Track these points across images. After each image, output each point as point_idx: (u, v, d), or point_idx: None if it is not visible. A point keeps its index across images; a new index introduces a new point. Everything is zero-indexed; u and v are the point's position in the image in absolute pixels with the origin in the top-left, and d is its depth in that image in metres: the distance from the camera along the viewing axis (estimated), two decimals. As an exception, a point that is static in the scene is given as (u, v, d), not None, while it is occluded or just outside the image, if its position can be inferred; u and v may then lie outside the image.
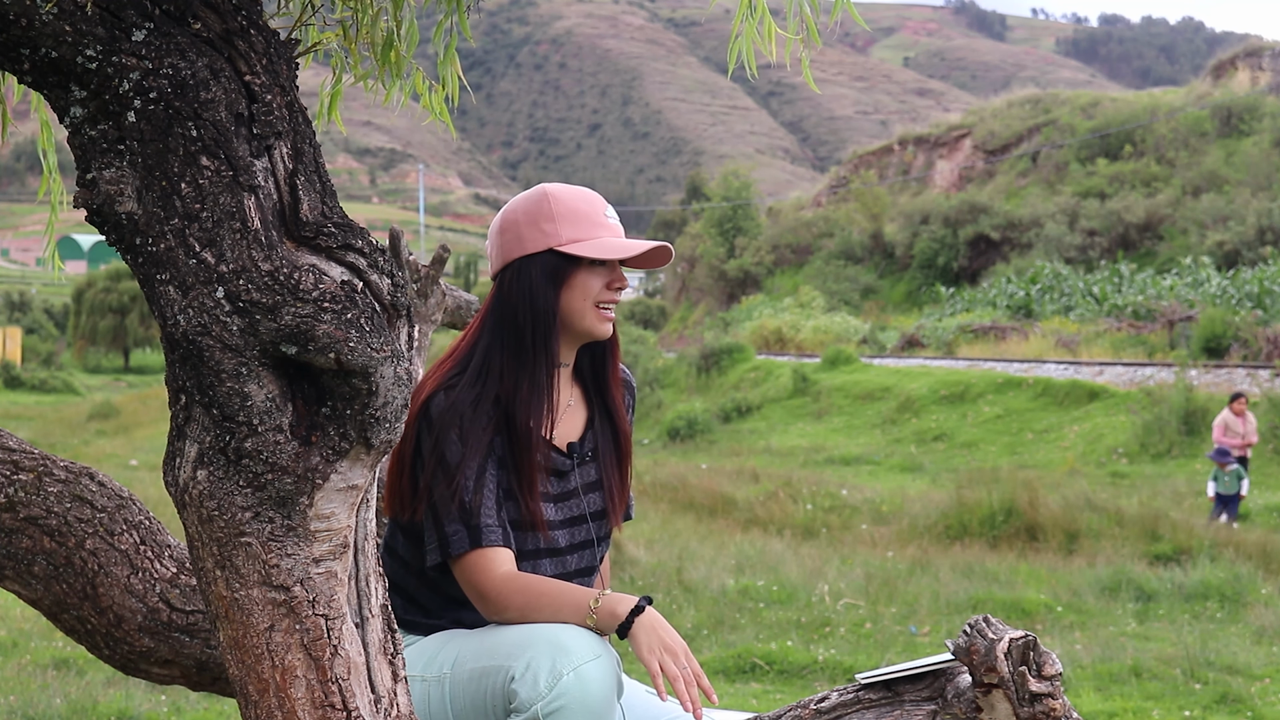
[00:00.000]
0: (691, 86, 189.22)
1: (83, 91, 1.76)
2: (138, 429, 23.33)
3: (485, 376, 2.34)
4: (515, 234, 2.37)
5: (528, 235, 2.36)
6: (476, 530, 2.26)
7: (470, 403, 2.31)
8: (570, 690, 2.09)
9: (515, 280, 2.36)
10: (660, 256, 2.41)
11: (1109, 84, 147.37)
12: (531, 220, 2.36)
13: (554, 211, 2.35)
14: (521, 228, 2.37)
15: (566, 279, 2.35)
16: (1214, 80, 40.65)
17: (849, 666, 6.22)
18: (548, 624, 2.20)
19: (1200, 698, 5.74)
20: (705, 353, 24.96)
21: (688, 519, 11.73)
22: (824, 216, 43.13)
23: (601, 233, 2.37)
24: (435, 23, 2.19)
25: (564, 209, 2.36)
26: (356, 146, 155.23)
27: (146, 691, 5.62)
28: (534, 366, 2.34)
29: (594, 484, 2.45)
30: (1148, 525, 10.12)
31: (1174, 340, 22.13)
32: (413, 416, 2.31)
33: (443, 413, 2.30)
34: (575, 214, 2.36)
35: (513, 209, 2.41)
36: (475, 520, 2.27)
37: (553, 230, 2.34)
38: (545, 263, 2.34)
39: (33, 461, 2.33)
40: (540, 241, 2.35)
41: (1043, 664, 2.13)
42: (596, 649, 2.14)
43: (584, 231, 2.35)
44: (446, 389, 2.33)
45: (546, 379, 2.35)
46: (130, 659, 2.38)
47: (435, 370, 2.39)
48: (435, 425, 2.29)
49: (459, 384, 2.33)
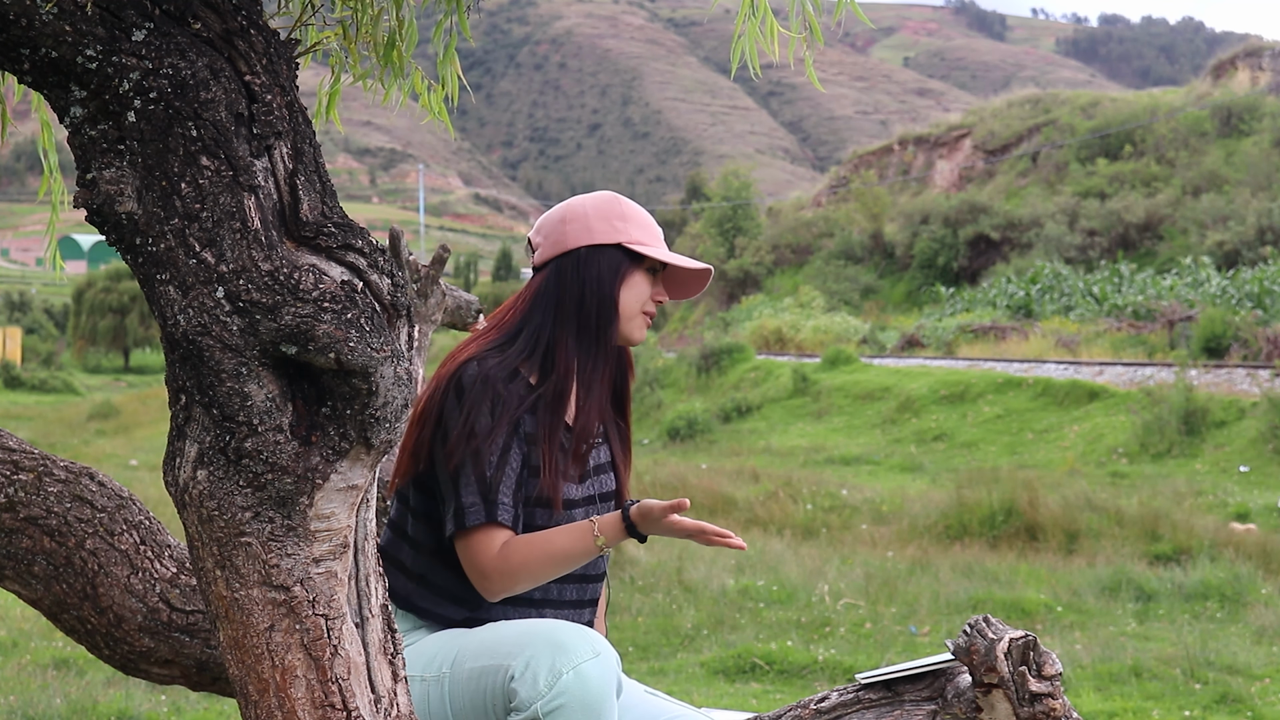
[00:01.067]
0: (691, 86, 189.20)
1: (83, 91, 1.76)
2: (138, 429, 23.33)
3: (532, 353, 2.40)
4: (584, 224, 2.46)
5: (598, 227, 2.46)
6: (493, 505, 2.30)
7: (506, 378, 2.36)
8: (570, 689, 2.10)
9: (580, 266, 2.44)
10: (699, 283, 2.54)
11: (1109, 84, 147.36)
12: (602, 215, 2.47)
13: (625, 212, 2.48)
14: (591, 219, 2.46)
15: (627, 276, 2.45)
16: (1214, 80, 40.64)
17: (849, 666, 6.22)
18: (546, 622, 2.22)
19: (1200, 698, 5.74)
20: (705, 353, 24.94)
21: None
22: (824, 216, 43.13)
23: (661, 246, 2.51)
24: (435, 23, 2.19)
25: (634, 212, 2.49)
26: (356, 146, 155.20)
27: (146, 691, 5.62)
28: (598, 350, 2.44)
29: (603, 466, 2.52)
30: (1148, 525, 10.11)
31: (1174, 340, 22.12)
32: (444, 377, 2.37)
33: (475, 381, 2.33)
34: (642, 221, 2.49)
35: (580, 202, 2.51)
36: (494, 496, 2.30)
37: (623, 228, 2.46)
38: (611, 256, 2.45)
39: (33, 461, 2.33)
40: (610, 235, 2.45)
41: (1043, 664, 2.13)
42: (596, 647, 2.15)
43: (649, 239, 2.49)
44: (481, 359, 2.37)
45: (605, 367, 2.45)
46: (130, 659, 2.38)
47: (475, 339, 2.45)
48: (467, 393, 2.32)
49: (499, 357, 2.38)
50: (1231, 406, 15.11)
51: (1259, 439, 14.05)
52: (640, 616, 7.45)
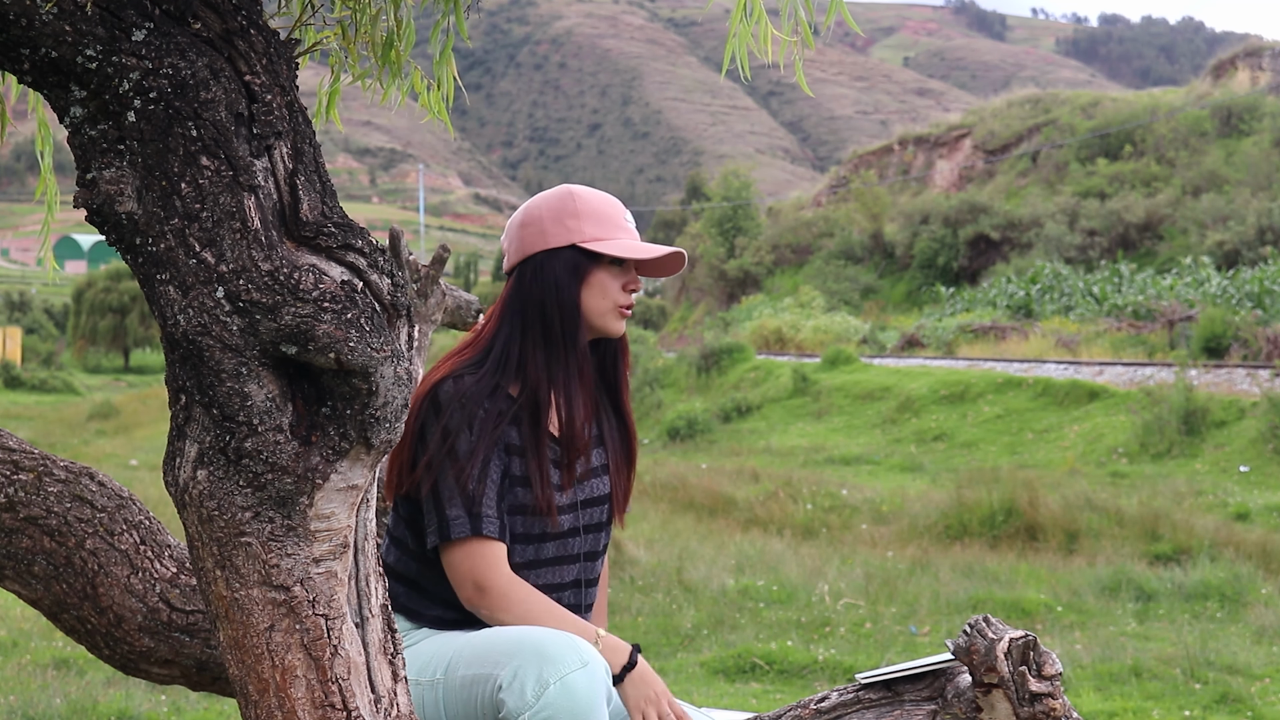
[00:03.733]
0: (691, 86, 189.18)
1: (83, 91, 1.76)
2: (138, 429, 23.32)
3: (505, 367, 2.38)
4: (539, 228, 2.42)
5: (551, 230, 2.41)
6: (477, 518, 2.30)
7: (486, 393, 2.35)
8: (556, 700, 2.10)
9: (537, 273, 2.40)
10: (674, 263, 2.46)
11: (1109, 84, 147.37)
12: (555, 216, 2.41)
13: (578, 209, 2.41)
14: (545, 223, 2.41)
15: (586, 276, 2.40)
16: (1214, 80, 40.63)
17: (849, 666, 6.22)
18: (536, 631, 2.22)
19: (1200, 698, 5.74)
20: (705, 353, 24.93)
21: (688, 519, 11.73)
22: (824, 216, 43.11)
23: (621, 235, 2.43)
24: (434, 23, 2.19)
25: (588, 208, 2.41)
26: (356, 146, 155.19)
27: (146, 691, 5.62)
28: (566, 357, 2.39)
29: (593, 470, 2.49)
30: (1148, 525, 10.11)
31: (1174, 340, 22.12)
32: (419, 397, 2.35)
33: (451, 399, 2.33)
34: (598, 214, 2.41)
35: (536, 204, 2.45)
36: (477, 508, 2.30)
37: (576, 227, 2.40)
38: (567, 258, 2.40)
39: (33, 461, 2.33)
40: (563, 237, 2.40)
41: (1043, 664, 2.13)
42: (583, 657, 2.15)
43: (606, 232, 2.41)
44: (457, 377, 2.36)
45: (579, 372, 2.40)
46: (130, 659, 2.38)
47: (450, 357, 2.43)
48: (443, 411, 2.32)
49: (474, 373, 2.37)
50: (1231, 406, 15.10)
51: (1259, 439, 14.04)
52: (640, 616, 7.45)
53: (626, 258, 2.40)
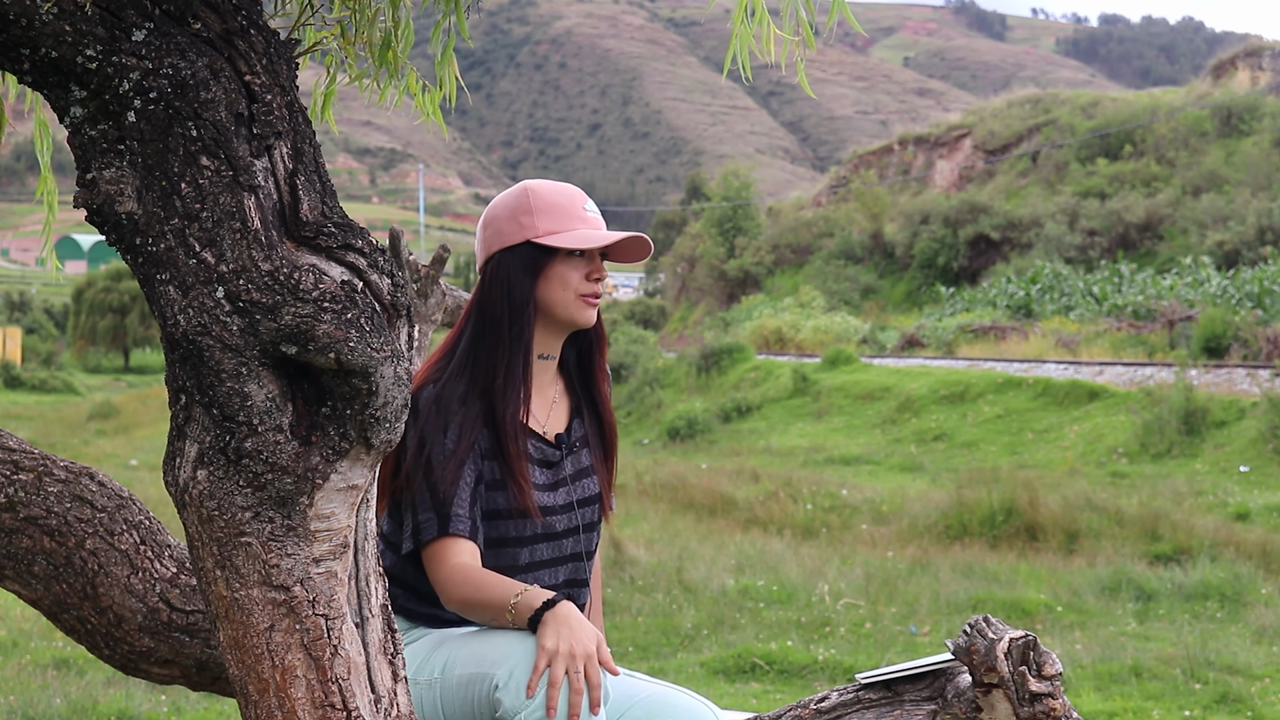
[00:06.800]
0: (691, 86, 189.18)
1: (83, 91, 1.76)
2: (138, 429, 23.33)
3: (469, 369, 2.40)
4: (496, 229, 2.45)
5: (507, 229, 2.43)
6: (446, 519, 2.31)
7: (457, 397, 2.37)
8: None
9: (495, 273, 2.43)
10: (638, 248, 2.46)
11: (1109, 84, 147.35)
12: (510, 215, 2.43)
13: (532, 205, 2.42)
14: (501, 222, 2.44)
15: (543, 270, 2.41)
16: (1214, 80, 40.62)
17: (849, 666, 6.22)
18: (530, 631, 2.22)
19: (1200, 698, 5.74)
20: (705, 353, 24.92)
21: (688, 519, 11.73)
22: (824, 216, 43.10)
23: (578, 225, 2.43)
24: (434, 23, 2.19)
25: (542, 203, 2.42)
26: (356, 146, 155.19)
27: (146, 691, 5.62)
28: (510, 355, 2.40)
29: (584, 470, 2.51)
30: (1148, 525, 10.11)
31: (1174, 340, 22.11)
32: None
33: (427, 405, 2.35)
34: (552, 207, 2.42)
35: (495, 205, 2.48)
36: (447, 510, 2.31)
37: (530, 223, 2.41)
38: (523, 255, 2.41)
39: (33, 461, 2.33)
40: (517, 234, 2.42)
41: (1043, 664, 2.13)
42: None
43: (561, 224, 2.41)
44: (433, 382, 2.39)
45: (521, 367, 2.40)
46: (130, 659, 2.37)
47: (426, 364, 2.45)
48: (421, 417, 2.34)
49: (443, 377, 2.39)
50: (1231, 406, 15.10)
51: (1259, 439, 14.04)
52: (640, 616, 7.45)
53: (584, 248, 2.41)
